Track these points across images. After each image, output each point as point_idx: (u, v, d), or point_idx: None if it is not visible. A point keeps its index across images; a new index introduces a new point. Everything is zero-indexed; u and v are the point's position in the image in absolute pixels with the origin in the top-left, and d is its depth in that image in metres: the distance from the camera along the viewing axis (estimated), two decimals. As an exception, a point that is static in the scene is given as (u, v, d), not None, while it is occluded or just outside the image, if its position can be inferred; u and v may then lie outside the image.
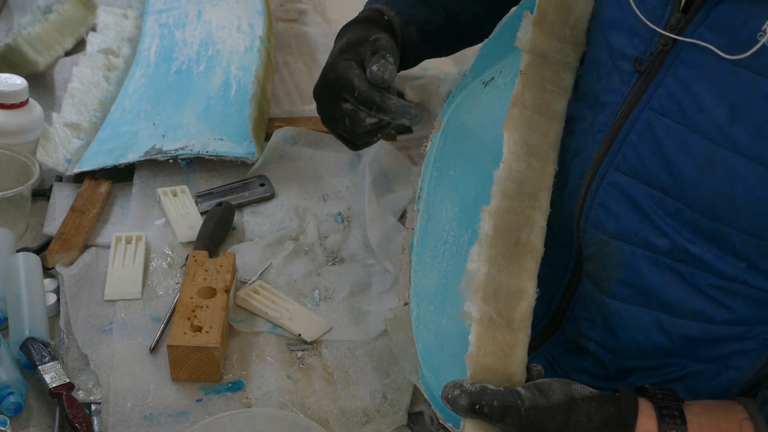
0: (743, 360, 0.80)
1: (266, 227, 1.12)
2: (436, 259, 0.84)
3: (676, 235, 0.76)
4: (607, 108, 0.80)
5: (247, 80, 1.33)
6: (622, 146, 0.78)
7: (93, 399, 0.86)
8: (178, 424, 0.84)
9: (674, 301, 0.79)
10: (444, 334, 0.80)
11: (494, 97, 0.88)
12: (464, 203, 0.84)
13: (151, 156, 1.16)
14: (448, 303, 0.82)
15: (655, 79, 0.75)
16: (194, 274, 0.96)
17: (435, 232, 0.86)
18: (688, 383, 0.83)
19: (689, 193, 0.74)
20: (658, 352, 0.83)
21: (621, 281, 0.81)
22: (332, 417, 0.87)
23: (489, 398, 0.68)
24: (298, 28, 1.67)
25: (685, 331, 0.80)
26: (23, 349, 0.86)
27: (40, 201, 1.12)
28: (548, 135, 0.79)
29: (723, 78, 0.70)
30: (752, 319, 0.77)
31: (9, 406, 0.82)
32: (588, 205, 0.82)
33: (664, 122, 0.74)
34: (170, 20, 1.52)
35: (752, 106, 0.68)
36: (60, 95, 1.30)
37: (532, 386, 0.70)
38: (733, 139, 0.70)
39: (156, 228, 1.09)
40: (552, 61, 0.81)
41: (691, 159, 0.73)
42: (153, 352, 0.92)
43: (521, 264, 0.76)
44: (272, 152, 1.23)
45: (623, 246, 0.80)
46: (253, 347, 0.94)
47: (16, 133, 1.12)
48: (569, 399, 0.69)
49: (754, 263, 0.73)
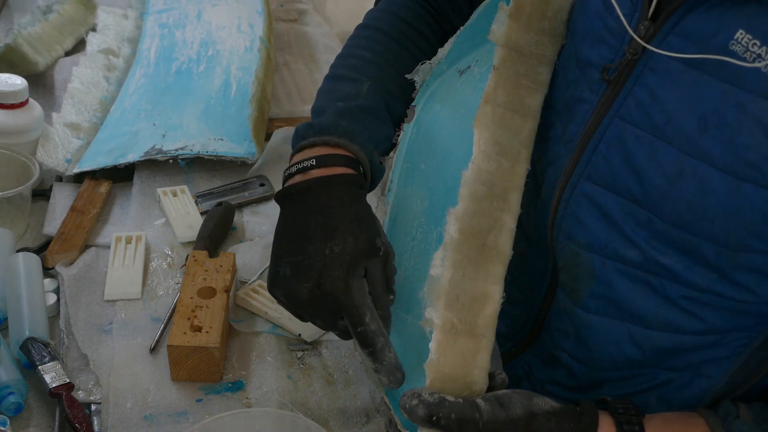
0: (715, 368, 0.79)
1: (266, 227, 1.12)
2: (403, 255, 0.82)
3: (646, 246, 0.75)
4: (577, 117, 0.78)
5: (247, 80, 1.33)
6: (592, 156, 0.76)
7: (93, 399, 0.86)
8: (178, 424, 0.84)
9: (645, 312, 0.78)
10: (407, 335, 0.78)
11: (469, 87, 0.84)
12: (434, 199, 0.81)
13: (151, 156, 1.16)
14: (411, 305, 0.79)
15: (624, 89, 0.73)
16: (194, 274, 0.96)
17: (404, 227, 0.83)
18: (660, 392, 0.82)
19: (660, 204, 0.72)
20: (631, 364, 0.82)
21: (593, 293, 0.80)
22: (332, 417, 0.87)
23: (446, 410, 0.66)
24: (298, 28, 1.67)
25: (657, 341, 0.79)
26: (23, 349, 0.86)
27: (40, 201, 1.12)
28: (521, 133, 0.77)
29: (692, 88, 0.69)
30: (723, 328, 0.76)
31: (9, 406, 0.82)
32: (560, 215, 0.80)
33: (633, 132, 0.73)
34: (170, 20, 1.52)
35: (722, 117, 0.67)
36: (60, 95, 1.30)
37: (492, 398, 0.69)
38: (704, 150, 0.68)
39: (156, 228, 1.09)
40: (528, 55, 0.78)
41: (662, 170, 0.71)
42: (153, 352, 0.92)
43: (487, 268, 0.73)
44: (272, 152, 1.23)
45: (594, 257, 0.78)
46: (253, 347, 0.94)
47: (16, 133, 1.12)
48: (529, 413, 0.68)
49: (726, 274, 0.72)
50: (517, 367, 0.94)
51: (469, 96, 0.82)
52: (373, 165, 0.84)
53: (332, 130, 0.82)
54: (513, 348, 0.95)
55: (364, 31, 0.96)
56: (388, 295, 0.77)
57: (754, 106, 0.66)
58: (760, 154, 0.66)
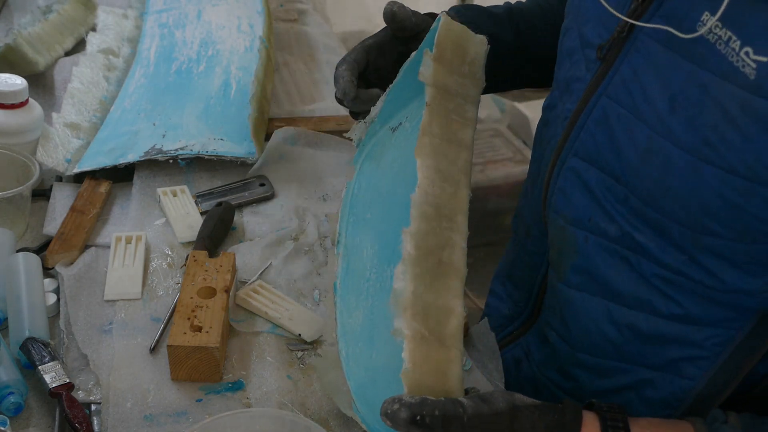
0: (694, 369, 0.80)
1: (266, 227, 1.12)
2: (360, 297, 0.85)
3: (624, 222, 0.77)
4: (573, 95, 0.82)
5: (247, 80, 1.33)
6: (580, 132, 0.79)
7: (93, 399, 0.86)
8: (178, 424, 0.84)
9: (622, 288, 0.80)
10: (375, 367, 0.80)
11: (402, 140, 0.89)
12: (383, 240, 0.85)
13: (151, 156, 1.16)
14: (376, 336, 0.81)
15: (613, 67, 0.76)
16: (194, 274, 0.96)
17: (357, 272, 0.87)
18: (641, 392, 0.83)
19: (634, 181, 0.75)
20: (608, 346, 0.83)
21: (575, 268, 0.82)
22: (332, 417, 0.87)
23: (429, 408, 0.65)
24: (298, 28, 1.67)
25: (633, 321, 0.80)
26: (23, 349, 0.86)
27: (40, 201, 1.12)
28: (458, 162, 0.80)
29: (666, 67, 0.71)
30: (699, 317, 0.77)
31: (9, 406, 0.82)
32: (551, 191, 0.84)
33: (616, 109, 0.76)
34: (170, 20, 1.52)
35: (688, 97, 0.69)
36: (60, 95, 1.30)
37: (474, 396, 0.69)
38: (670, 128, 0.70)
39: (156, 228, 1.09)
40: (454, 94, 0.82)
41: (635, 147, 0.74)
42: (153, 352, 0.92)
43: (446, 283, 0.75)
44: (272, 152, 1.23)
45: (577, 232, 0.81)
46: (253, 347, 0.94)
47: (16, 133, 1.12)
48: (512, 407, 0.67)
49: (693, 256, 0.73)
50: (517, 349, 0.96)
51: (404, 147, 0.87)
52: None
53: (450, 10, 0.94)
54: (515, 330, 0.96)
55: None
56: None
57: (715, 87, 0.67)
58: (718, 136, 0.67)
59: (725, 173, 0.68)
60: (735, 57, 0.65)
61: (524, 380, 0.97)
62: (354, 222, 0.90)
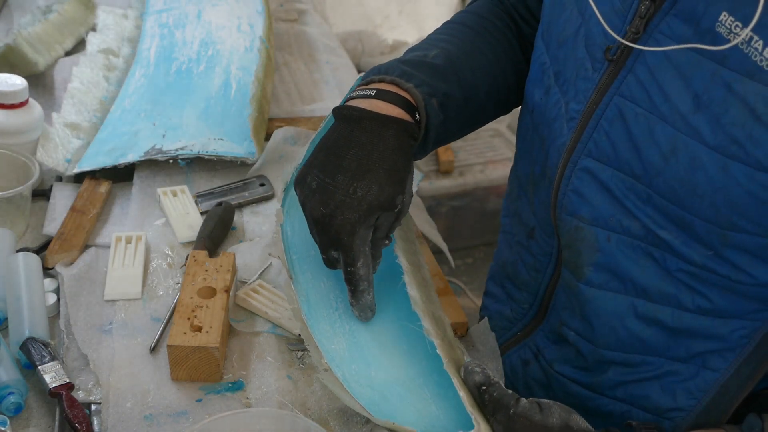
0: (720, 361, 0.80)
1: (266, 227, 1.12)
2: (334, 324, 0.87)
3: (647, 220, 0.77)
4: (579, 95, 0.81)
5: (247, 80, 1.33)
6: (593, 133, 0.79)
7: (93, 399, 0.86)
8: (178, 424, 0.84)
9: (648, 284, 0.80)
10: (380, 384, 0.83)
11: None
12: (338, 273, 0.86)
13: (151, 156, 1.16)
14: (371, 357, 0.85)
15: (625, 66, 0.76)
16: (194, 274, 0.96)
17: (321, 304, 0.88)
18: (664, 383, 0.83)
19: (656, 180, 0.75)
20: (635, 342, 0.83)
21: (596, 267, 0.82)
22: (332, 417, 0.87)
23: (494, 388, 0.72)
24: (298, 28, 1.67)
25: (659, 316, 0.80)
26: (23, 349, 0.86)
27: (40, 201, 1.12)
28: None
29: (687, 67, 0.71)
30: (726, 310, 0.77)
31: (9, 406, 0.82)
32: (562, 192, 0.83)
33: (632, 109, 0.75)
34: (170, 20, 1.52)
35: (712, 96, 0.69)
36: (60, 95, 1.30)
37: (535, 401, 0.72)
38: (696, 128, 0.71)
39: (156, 228, 1.09)
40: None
41: (657, 146, 0.74)
42: (153, 352, 0.92)
43: (432, 296, 0.85)
44: (272, 152, 1.23)
45: (599, 231, 0.81)
46: (253, 347, 0.94)
47: (16, 133, 1.12)
48: (565, 426, 0.70)
49: (719, 252, 0.74)
50: (525, 349, 0.96)
51: None
52: (429, 109, 0.84)
53: (391, 71, 0.85)
54: (519, 332, 0.96)
55: (445, 25, 0.99)
56: (385, 240, 0.83)
57: (739, 85, 0.68)
58: (745, 133, 0.68)
59: (753, 170, 0.68)
60: (758, 57, 0.66)
61: (532, 379, 0.97)
62: (299, 260, 0.91)
